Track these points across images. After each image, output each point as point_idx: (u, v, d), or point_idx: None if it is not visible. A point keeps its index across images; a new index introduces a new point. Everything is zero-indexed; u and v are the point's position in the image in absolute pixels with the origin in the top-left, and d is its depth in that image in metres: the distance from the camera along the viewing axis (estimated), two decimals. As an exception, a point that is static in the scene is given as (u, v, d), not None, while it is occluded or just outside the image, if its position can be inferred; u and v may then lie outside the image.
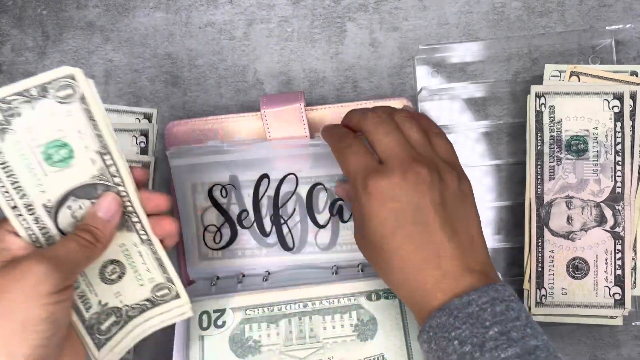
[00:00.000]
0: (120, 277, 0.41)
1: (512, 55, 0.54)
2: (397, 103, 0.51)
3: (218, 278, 0.51)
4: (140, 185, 0.40)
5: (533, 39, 0.53)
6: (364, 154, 0.41)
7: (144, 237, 0.40)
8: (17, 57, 0.56)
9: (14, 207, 0.36)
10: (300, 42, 0.55)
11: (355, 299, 0.48)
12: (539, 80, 0.51)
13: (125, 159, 0.38)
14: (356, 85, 0.54)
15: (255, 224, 0.51)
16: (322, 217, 0.51)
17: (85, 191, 0.38)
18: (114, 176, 0.38)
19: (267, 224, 0.51)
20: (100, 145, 0.37)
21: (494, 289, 0.37)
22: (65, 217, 0.38)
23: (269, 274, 0.51)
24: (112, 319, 0.41)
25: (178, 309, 0.43)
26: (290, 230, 0.51)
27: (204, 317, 0.48)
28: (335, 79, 0.54)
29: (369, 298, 0.48)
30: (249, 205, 0.51)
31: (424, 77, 0.54)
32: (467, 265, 0.38)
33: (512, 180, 0.53)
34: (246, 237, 0.52)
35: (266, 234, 0.51)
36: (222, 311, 0.48)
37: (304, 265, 0.51)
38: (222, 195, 0.51)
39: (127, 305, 0.41)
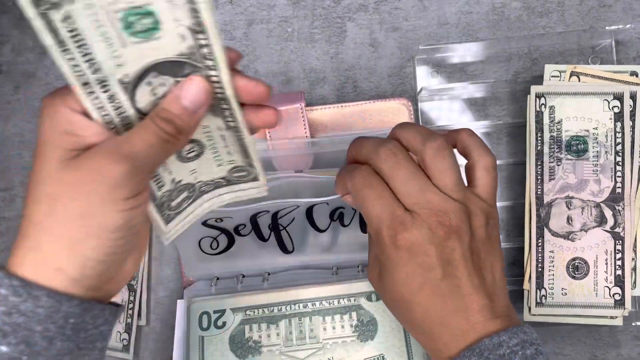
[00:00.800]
0: (198, 156, 0.36)
1: (512, 55, 0.54)
2: (397, 103, 0.51)
3: (218, 279, 0.51)
4: (233, 68, 0.33)
5: (533, 39, 0.53)
6: (389, 198, 0.37)
7: (232, 124, 0.34)
8: (18, 57, 0.56)
9: (86, 84, 0.29)
10: (300, 42, 0.55)
11: (355, 300, 0.48)
12: (539, 80, 0.51)
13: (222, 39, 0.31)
14: (356, 85, 0.54)
15: (253, 232, 0.51)
16: (323, 223, 0.51)
17: (169, 68, 0.31)
18: (207, 59, 0.31)
19: (266, 232, 0.51)
20: (194, 22, 0.29)
21: (522, 331, 0.35)
22: (144, 94, 0.31)
23: (269, 274, 0.51)
24: (184, 194, 0.37)
25: (253, 189, 0.39)
26: (289, 235, 0.51)
27: (204, 317, 0.48)
28: (335, 79, 0.54)
29: (369, 299, 0.48)
30: (246, 220, 0.50)
31: (424, 77, 0.54)
32: (493, 313, 0.36)
33: (512, 180, 0.53)
34: (244, 241, 0.51)
35: (264, 239, 0.51)
36: (222, 312, 0.48)
37: (304, 266, 0.51)
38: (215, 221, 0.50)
39: (201, 182, 0.37)
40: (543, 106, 0.50)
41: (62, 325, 0.30)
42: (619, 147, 0.49)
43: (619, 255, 0.49)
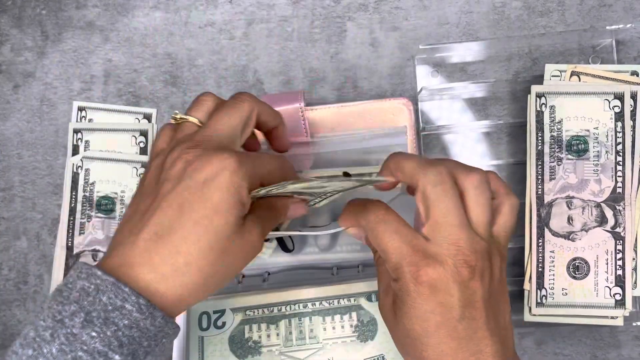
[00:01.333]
0: None
1: (512, 55, 0.54)
2: (397, 103, 0.51)
3: (218, 278, 0.51)
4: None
5: (533, 39, 0.53)
6: (407, 231, 0.36)
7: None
8: (17, 57, 0.56)
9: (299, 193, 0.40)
10: (300, 42, 0.55)
11: (355, 300, 0.48)
12: (539, 80, 0.51)
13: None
14: (356, 85, 0.54)
15: None
16: (323, 220, 0.51)
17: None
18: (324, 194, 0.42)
19: None
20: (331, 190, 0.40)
21: None
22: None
23: (269, 274, 0.51)
24: None
25: None
26: (290, 235, 0.51)
27: (204, 317, 0.48)
28: (335, 79, 0.54)
29: (368, 299, 0.48)
30: None
31: (424, 77, 0.53)
32: (505, 359, 0.36)
33: (513, 180, 0.53)
34: None
35: (266, 239, 0.51)
36: (222, 312, 0.48)
37: (304, 266, 0.51)
38: None
39: None
40: (544, 106, 0.50)
41: (157, 343, 0.34)
42: (619, 147, 0.49)
43: (619, 255, 0.49)
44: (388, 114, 0.51)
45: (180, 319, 0.49)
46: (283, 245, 0.51)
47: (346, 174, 0.50)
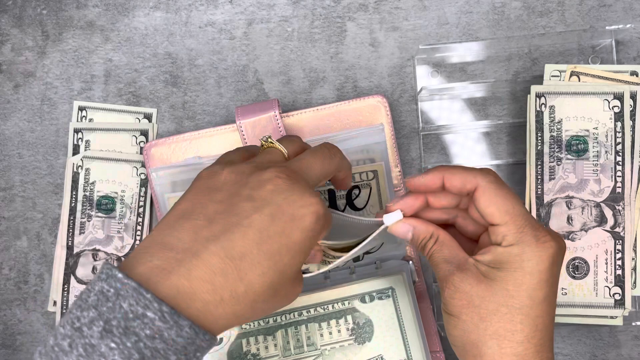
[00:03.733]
0: None
1: (512, 55, 0.54)
2: (373, 101, 0.51)
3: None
4: None
5: (533, 39, 0.53)
6: (457, 249, 0.38)
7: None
8: (17, 56, 0.56)
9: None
10: (300, 42, 0.55)
11: (349, 303, 0.48)
12: (539, 80, 0.51)
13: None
14: (356, 85, 0.54)
15: None
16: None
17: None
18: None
19: None
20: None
21: None
22: None
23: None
24: None
25: None
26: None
27: None
28: (335, 78, 0.54)
29: (362, 300, 0.48)
30: None
31: (424, 77, 0.54)
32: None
33: (512, 180, 0.53)
34: None
35: None
36: None
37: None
38: None
39: None
40: (543, 106, 0.50)
41: (190, 358, 0.31)
42: (619, 147, 0.49)
43: (619, 255, 0.49)
44: (364, 112, 0.51)
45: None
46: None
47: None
